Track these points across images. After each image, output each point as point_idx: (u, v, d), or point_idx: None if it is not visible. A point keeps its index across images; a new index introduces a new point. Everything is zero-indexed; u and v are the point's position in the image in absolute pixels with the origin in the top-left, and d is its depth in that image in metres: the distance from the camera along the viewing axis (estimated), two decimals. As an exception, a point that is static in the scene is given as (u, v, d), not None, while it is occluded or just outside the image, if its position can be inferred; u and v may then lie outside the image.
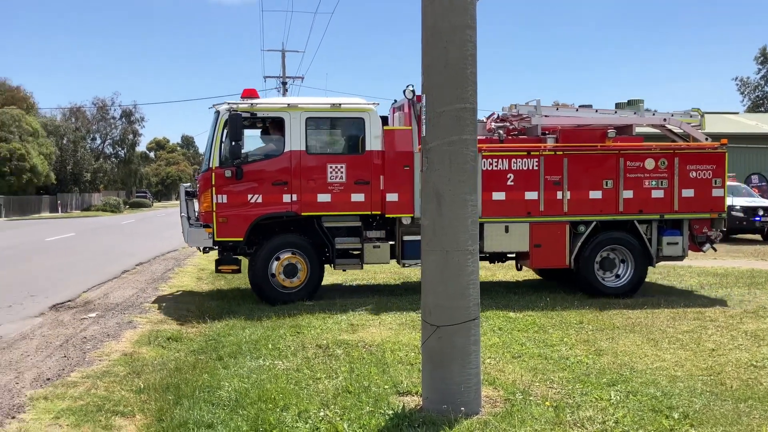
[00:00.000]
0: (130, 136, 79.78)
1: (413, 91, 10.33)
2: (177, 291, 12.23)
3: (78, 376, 6.44)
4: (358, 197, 10.56)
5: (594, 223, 10.84)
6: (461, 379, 5.22)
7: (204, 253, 11.53)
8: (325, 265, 11.07)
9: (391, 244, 10.92)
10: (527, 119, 11.35)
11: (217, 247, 10.81)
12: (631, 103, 15.18)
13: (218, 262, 10.81)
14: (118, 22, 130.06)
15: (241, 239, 10.45)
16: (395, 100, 11.77)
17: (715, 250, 11.57)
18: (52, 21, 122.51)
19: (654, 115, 11.76)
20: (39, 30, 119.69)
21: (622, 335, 8.12)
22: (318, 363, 6.85)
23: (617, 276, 11.07)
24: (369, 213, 10.69)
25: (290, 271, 10.55)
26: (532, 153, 10.75)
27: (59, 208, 57.66)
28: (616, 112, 11.73)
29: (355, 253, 10.89)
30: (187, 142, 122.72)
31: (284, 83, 39.99)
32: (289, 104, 10.69)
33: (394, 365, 6.67)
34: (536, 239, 10.74)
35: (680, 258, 11.30)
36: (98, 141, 74.27)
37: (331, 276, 12.87)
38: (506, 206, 10.68)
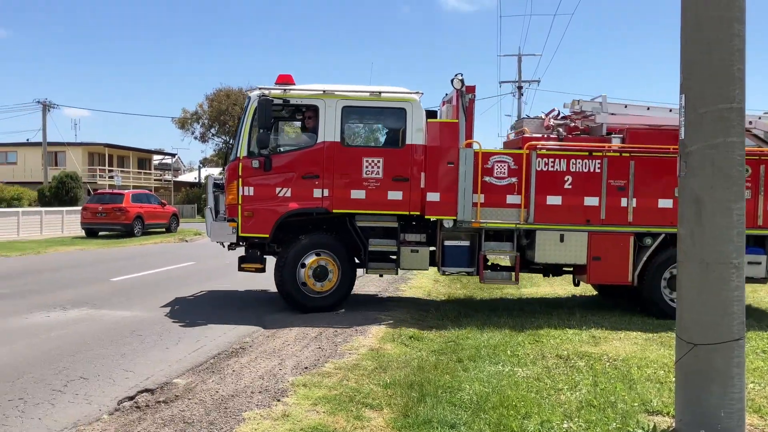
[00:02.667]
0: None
1: (462, 81, 9.47)
2: (415, 292, 12.68)
3: (331, 367, 6.92)
4: (395, 195, 9.66)
5: (663, 235, 9.43)
6: (721, 402, 4.77)
7: (229, 249, 10.48)
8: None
9: (431, 250, 9.94)
10: (591, 117, 10.22)
11: (243, 244, 10.15)
12: None
13: (241, 260, 10.17)
14: (355, 33, 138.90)
15: (267, 236, 9.74)
16: (446, 94, 10.64)
17: None
18: (293, 37, 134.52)
19: None
20: (278, 46, 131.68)
21: None
22: (559, 373, 6.70)
23: None
24: (407, 213, 9.76)
25: (320, 273, 9.80)
26: (594, 154, 9.51)
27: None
28: None
29: (391, 257, 10.02)
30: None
31: (519, 87, 39.73)
32: (324, 91, 9.77)
33: (642, 382, 6.31)
34: (595, 251, 9.48)
35: (762, 281, 9.61)
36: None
37: (549, 286, 12.51)
38: (562, 212, 9.53)
